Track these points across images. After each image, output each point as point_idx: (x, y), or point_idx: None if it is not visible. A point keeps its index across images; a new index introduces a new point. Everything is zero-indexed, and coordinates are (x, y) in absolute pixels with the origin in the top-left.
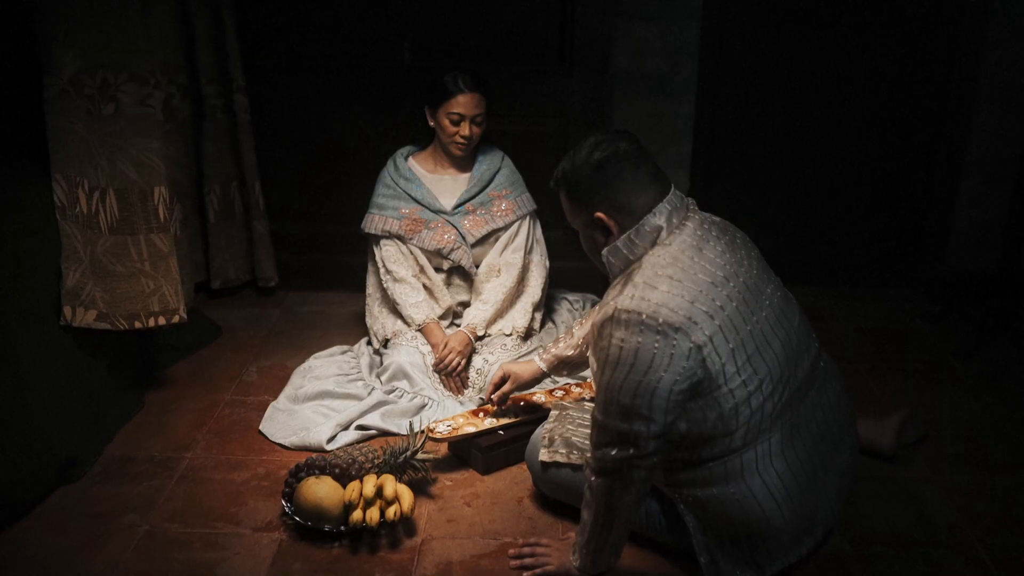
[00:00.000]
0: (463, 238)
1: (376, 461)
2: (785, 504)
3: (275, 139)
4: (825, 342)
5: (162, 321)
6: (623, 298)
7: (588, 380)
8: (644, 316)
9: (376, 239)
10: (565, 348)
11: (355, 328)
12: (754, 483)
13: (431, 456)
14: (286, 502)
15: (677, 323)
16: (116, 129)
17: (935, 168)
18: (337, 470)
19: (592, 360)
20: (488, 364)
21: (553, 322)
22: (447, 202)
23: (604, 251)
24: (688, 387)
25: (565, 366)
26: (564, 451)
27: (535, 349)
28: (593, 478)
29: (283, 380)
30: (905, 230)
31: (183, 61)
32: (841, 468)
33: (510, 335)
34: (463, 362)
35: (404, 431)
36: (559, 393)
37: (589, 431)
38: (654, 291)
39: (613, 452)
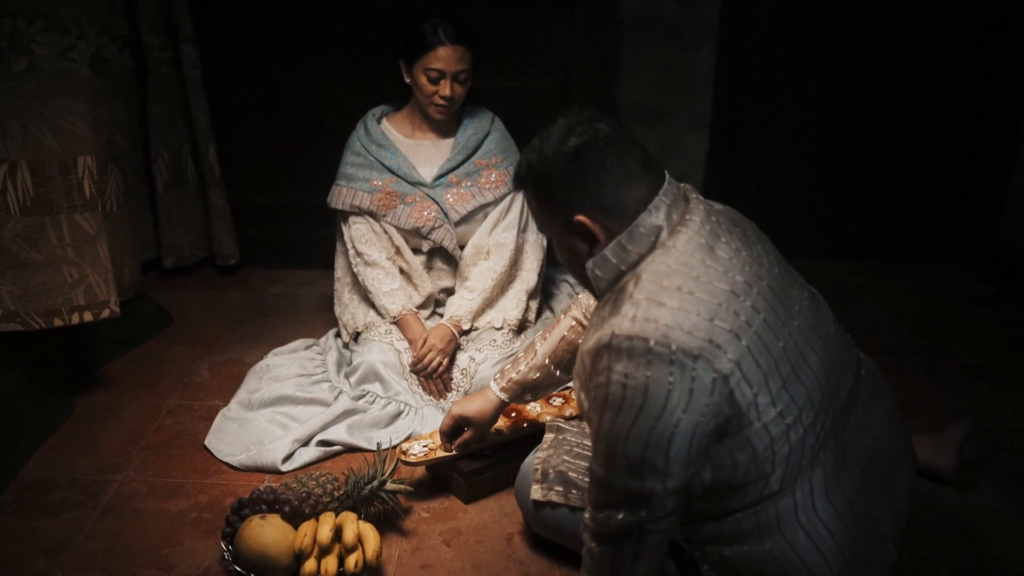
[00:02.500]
0: (446, 215)
1: (336, 494)
2: (833, 557)
3: (231, 97)
4: (860, 332)
5: (88, 317)
6: (621, 320)
7: None
8: (652, 343)
9: (344, 215)
10: (528, 371)
11: (326, 314)
12: (794, 535)
13: (403, 485)
14: (226, 545)
15: (695, 349)
16: (30, 89)
17: (988, 126)
18: (287, 507)
19: (582, 398)
20: (475, 363)
21: (551, 311)
22: (427, 172)
23: (588, 263)
24: (713, 429)
25: (529, 391)
26: (560, 489)
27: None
28: (593, 544)
29: (237, 380)
30: (951, 196)
31: (120, 6)
32: (896, 501)
33: (501, 328)
34: (445, 361)
35: (375, 446)
36: (558, 402)
37: (586, 464)
38: (661, 309)
39: (620, 516)
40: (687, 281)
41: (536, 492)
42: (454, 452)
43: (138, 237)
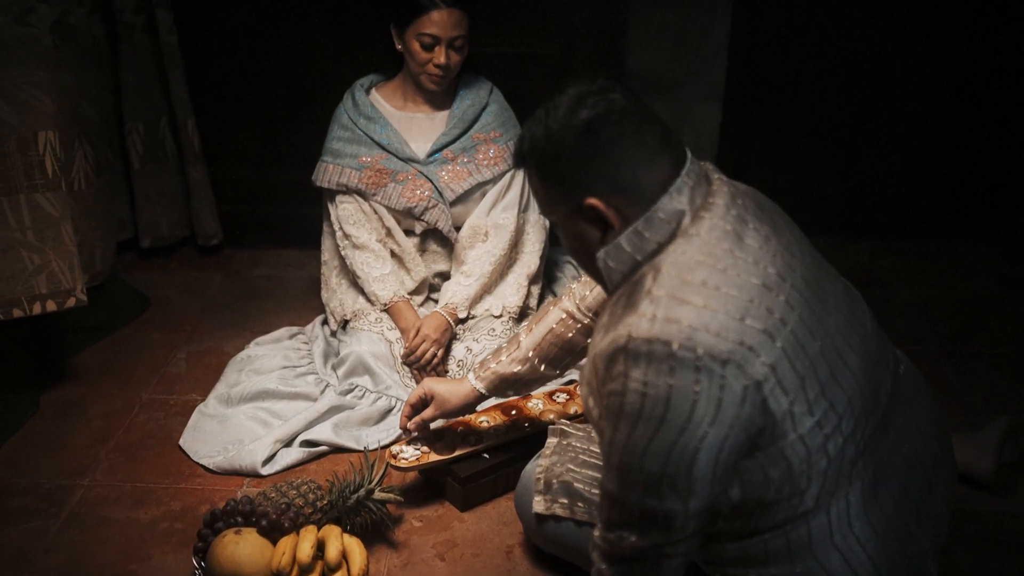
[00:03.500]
0: (440, 194)
1: (319, 504)
2: None
3: (211, 65)
4: (885, 318)
5: (51, 307)
6: (639, 320)
7: None
8: (675, 346)
9: (331, 194)
10: (509, 363)
11: (314, 298)
12: (828, 557)
13: (392, 494)
14: (198, 562)
15: (724, 352)
16: None
17: (1020, 99)
18: (264, 521)
19: (591, 404)
20: (472, 355)
21: (554, 294)
22: (420, 148)
23: (600, 253)
24: (744, 442)
25: (510, 386)
26: (565, 501)
27: None
28: (604, 566)
29: (217, 372)
30: (980, 172)
31: None
32: (936, 514)
33: (500, 316)
34: (440, 353)
35: (363, 446)
36: (562, 398)
37: (596, 475)
38: (684, 307)
39: (634, 538)
40: (713, 274)
41: (538, 504)
42: (454, 450)
43: (111, 216)
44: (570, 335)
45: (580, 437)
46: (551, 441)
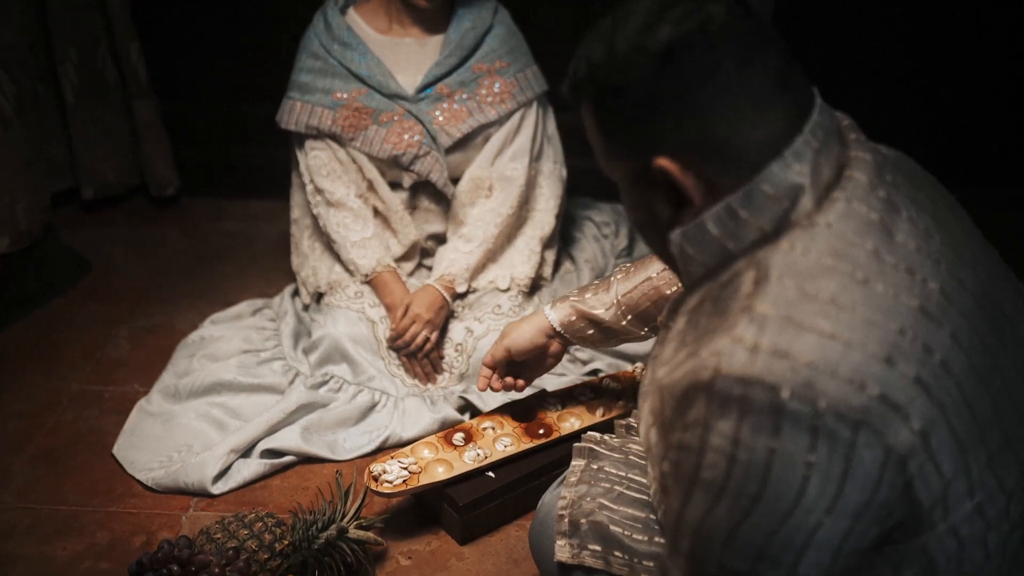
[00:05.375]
0: (433, 139)
1: (278, 546)
2: None
3: None
4: None
5: None
6: (733, 348)
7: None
8: (785, 394)
9: (299, 139)
10: (595, 302)
11: (287, 260)
12: None
13: (372, 531)
14: None
15: (858, 410)
16: None
17: None
18: (205, 574)
19: (654, 441)
20: (474, 337)
21: (572, 260)
22: (408, 81)
23: (675, 234)
24: (874, 536)
25: (588, 329)
26: (598, 548)
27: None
28: None
29: (165, 355)
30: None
31: None
32: None
33: (507, 290)
34: (434, 335)
35: (339, 456)
36: (587, 395)
37: (639, 514)
38: (802, 336)
39: None
40: (848, 288)
41: (563, 551)
42: (451, 469)
43: (40, 163)
44: (669, 292)
45: (615, 461)
46: (576, 465)
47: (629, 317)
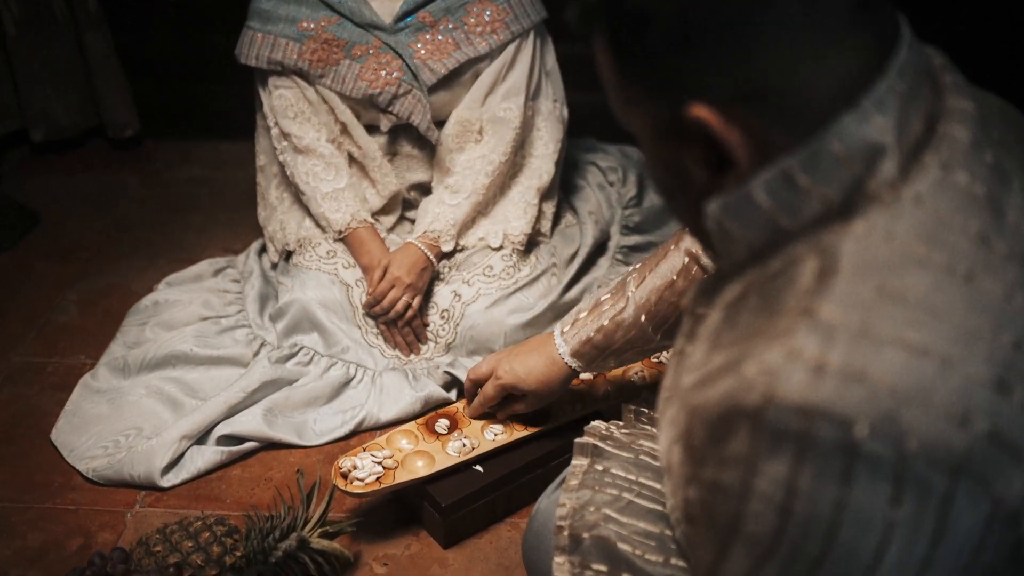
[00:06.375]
0: (415, 75)
1: (228, 559)
2: None
3: None
4: None
5: None
6: (789, 365)
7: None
8: (862, 431)
9: (263, 76)
10: (614, 328)
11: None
12: None
13: (337, 539)
14: None
15: (958, 452)
16: None
17: None
18: None
19: (677, 462)
20: (462, 303)
21: (575, 212)
22: (385, 8)
23: (712, 206)
24: None
25: (613, 356)
26: (603, 569)
27: (547, 270)
28: None
29: (118, 321)
30: None
31: None
32: None
33: (500, 249)
34: (417, 300)
35: (308, 441)
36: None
37: (652, 529)
38: (882, 351)
39: None
40: (945, 286)
41: (561, 569)
42: (433, 463)
43: None
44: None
45: (624, 461)
46: (578, 465)
47: (658, 334)
